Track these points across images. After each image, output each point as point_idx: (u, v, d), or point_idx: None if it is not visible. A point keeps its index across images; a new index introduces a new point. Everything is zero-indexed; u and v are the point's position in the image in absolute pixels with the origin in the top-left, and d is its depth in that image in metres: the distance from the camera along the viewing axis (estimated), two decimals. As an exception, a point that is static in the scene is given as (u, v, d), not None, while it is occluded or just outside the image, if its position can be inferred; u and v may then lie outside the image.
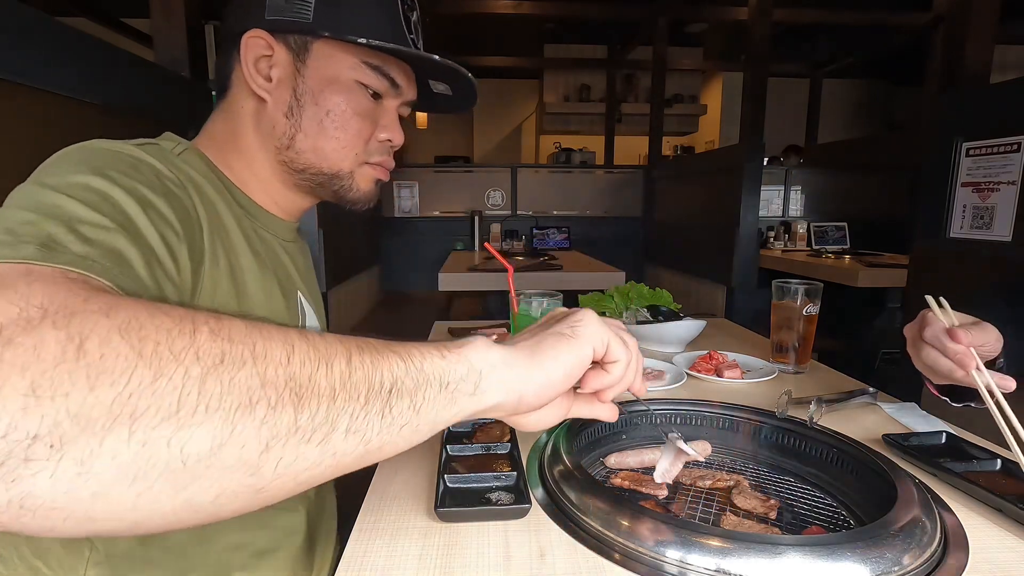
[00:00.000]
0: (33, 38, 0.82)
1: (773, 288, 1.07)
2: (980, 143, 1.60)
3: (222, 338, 0.30)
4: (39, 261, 0.35)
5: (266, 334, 0.31)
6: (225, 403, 0.28)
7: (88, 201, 0.43)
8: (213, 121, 0.68)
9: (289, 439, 0.30)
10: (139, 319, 0.29)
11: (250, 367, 0.30)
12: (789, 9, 4.24)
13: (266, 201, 0.70)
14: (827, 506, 0.62)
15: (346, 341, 0.35)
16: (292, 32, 0.62)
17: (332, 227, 2.65)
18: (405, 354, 0.36)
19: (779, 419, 0.72)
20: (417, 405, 0.35)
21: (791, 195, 4.18)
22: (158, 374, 0.27)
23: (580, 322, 0.44)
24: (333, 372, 0.32)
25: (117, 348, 0.27)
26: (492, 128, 7.30)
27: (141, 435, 0.26)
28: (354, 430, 0.33)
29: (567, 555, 0.50)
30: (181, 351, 0.28)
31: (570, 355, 0.43)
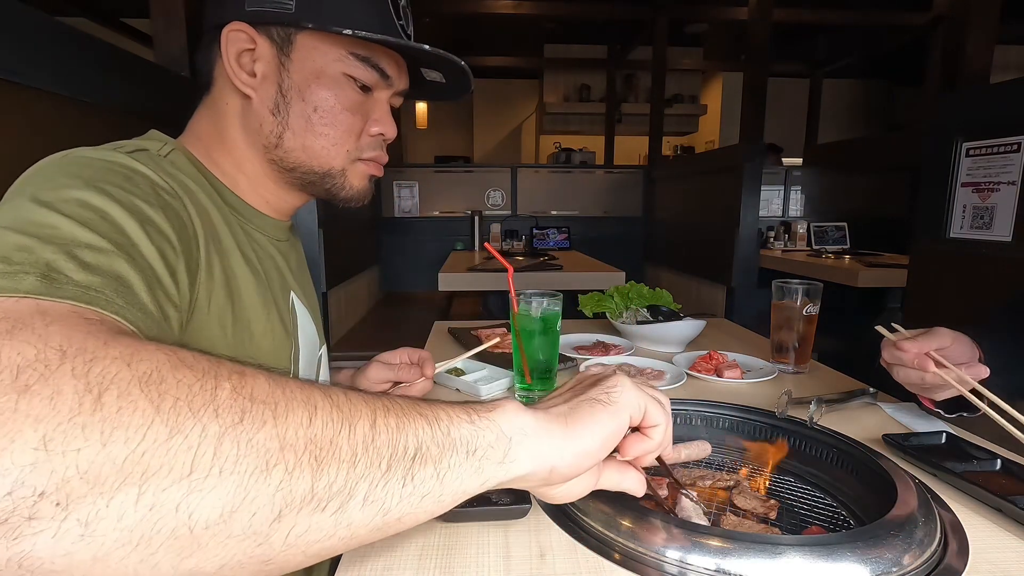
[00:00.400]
0: (33, 38, 0.82)
1: (773, 288, 1.07)
2: (980, 143, 1.60)
3: (244, 396, 0.28)
4: (42, 295, 0.33)
5: (288, 393, 0.30)
6: (241, 466, 0.27)
7: (85, 220, 0.41)
8: (198, 118, 0.66)
9: (303, 507, 0.29)
10: (161, 371, 0.27)
11: (270, 427, 0.28)
12: (789, 9, 4.24)
13: (257, 200, 0.67)
14: (827, 506, 0.62)
15: (371, 401, 0.33)
16: (274, 24, 0.59)
17: (332, 227, 2.65)
18: (432, 416, 0.34)
19: (779, 419, 0.72)
20: (441, 473, 0.34)
21: (791, 195, 4.17)
22: (174, 431, 0.26)
23: (615, 388, 0.42)
24: (356, 435, 0.31)
25: (136, 402, 0.26)
26: (492, 128, 7.30)
27: (150, 497, 0.25)
28: (372, 499, 0.31)
29: (567, 555, 0.50)
30: (200, 408, 0.27)
31: (608, 423, 0.40)
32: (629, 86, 6.41)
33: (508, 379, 0.96)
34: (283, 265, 0.71)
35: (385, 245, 4.12)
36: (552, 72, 6.36)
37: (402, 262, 4.20)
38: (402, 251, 4.19)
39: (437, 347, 1.22)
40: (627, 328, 1.24)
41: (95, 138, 0.58)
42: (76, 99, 0.92)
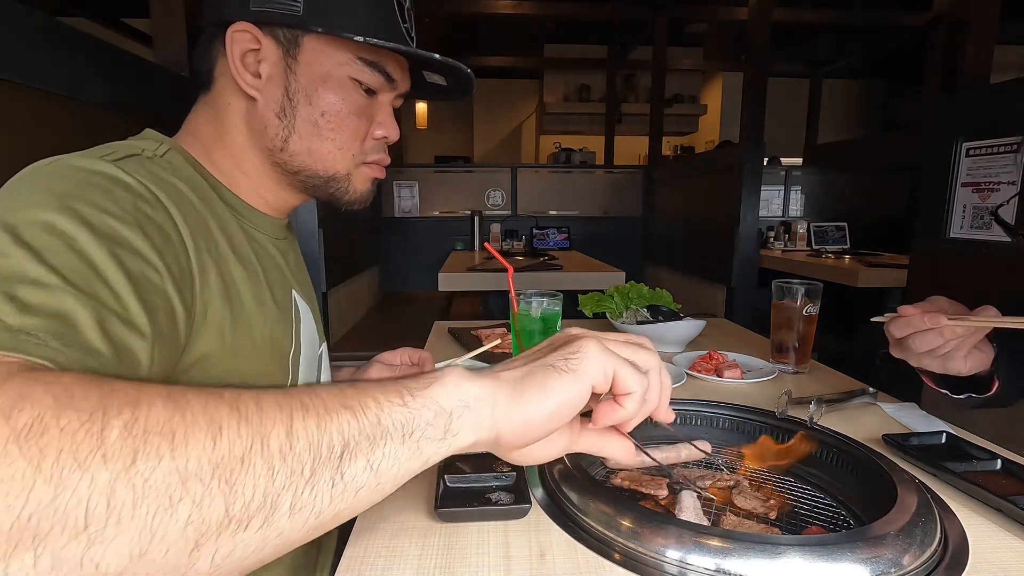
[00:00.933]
0: (33, 38, 0.82)
1: (773, 288, 1.07)
2: (980, 143, 1.60)
3: (135, 434, 0.27)
4: None
5: (189, 417, 0.28)
6: (141, 509, 0.26)
7: (43, 249, 0.38)
8: (196, 117, 0.64)
9: (222, 532, 0.28)
10: (44, 420, 0.26)
11: (167, 462, 0.26)
12: (789, 9, 4.24)
13: (256, 200, 0.66)
14: (827, 506, 0.62)
15: (288, 402, 0.31)
16: (281, 25, 0.58)
17: (332, 227, 2.65)
18: (359, 407, 0.32)
19: (779, 419, 0.72)
20: (375, 464, 0.32)
21: (791, 195, 4.17)
22: (59, 488, 0.24)
23: (577, 353, 0.39)
24: (270, 447, 0.29)
25: (14, 463, 0.24)
26: (492, 128, 7.30)
27: (48, 558, 0.24)
28: (300, 506, 0.30)
29: (567, 555, 0.50)
30: (87, 456, 0.25)
31: (560, 393, 0.37)
32: (629, 86, 6.40)
33: (508, 379, 0.96)
34: (283, 263, 0.71)
35: (385, 245, 4.12)
36: (552, 72, 6.36)
37: (402, 262, 4.20)
38: (402, 251, 4.18)
39: (437, 347, 1.22)
40: (627, 328, 1.24)
41: (95, 138, 0.58)
42: (76, 99, 0.92)
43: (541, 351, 0.41)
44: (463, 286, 2.67)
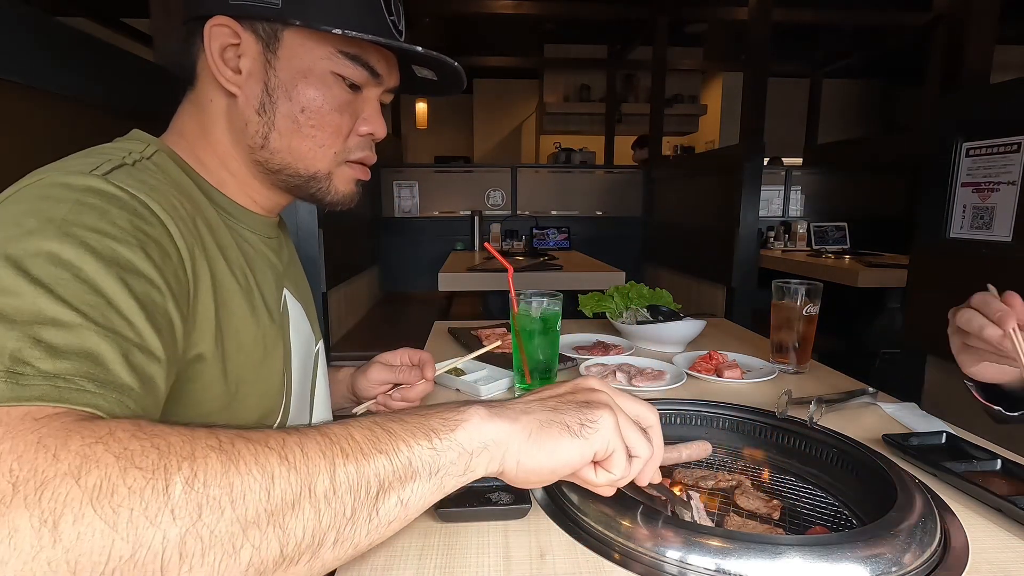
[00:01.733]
0: (33, 38, 0.82)
1: (773, 288, 1.07)
2: (980, 143, 1.60)
3: (196, 489, 0.29)
4: (8, 402, 0.32)
5: (244, 467, 0.30)
6: (209, 558, 0.28)
7: (55, 284, 0.38)
8: (182, 115, 0.63)
9: (277, 569, 0.31)
10: (111, 480, 0.27)
11: (229, 514, 0.29)
12: (789, 9, 4.24)
13: (244, 199, 0.65)
14: (829, 506, 0.62)
15: (330, 448, 0.34)
16: (260, 19, 0.56)
17: (332, 227, 2.65)
18: (392, 450, 0.35)
19: (779, 419, 0.72)
20: (405, 500, 0.35)
21: (791, 195, 4.17)
22: (136, 546, 0.26)
23: (594, 423, 0.42)
24: (317, 493, 0.32)
25: (92, 525, 0.26)
26: (492, 128, 7.30)
27: None
28: (341, 541, 0.33)
29: (567, 555, 0.50)
30: (156, 514, 0.27)
31: (567, 454, 0.41)
32: (629, 86, 6.40)
33: (508, 379, 0.96)
34: (275, 261, 0.69)
35: (385, 245, 4.12)
36: (552, 72, 6.36)
37: (402, 262, 4.19)
38: (402, 251, 4.18)
39: (437, 347, 1.22)
40: (627, 328, 1.24)
41: (95, 138, 0.58)
42: (76, 99, 0.91)
43: (561, 399, 0.44)
44: (463, 286, 2.67)
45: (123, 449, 0.29)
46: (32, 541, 0.25)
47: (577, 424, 0.41)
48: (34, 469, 0.27)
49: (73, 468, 0.27)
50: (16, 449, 0.28)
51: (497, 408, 0.41)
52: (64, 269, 0.39)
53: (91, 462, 0.28)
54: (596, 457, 0.43)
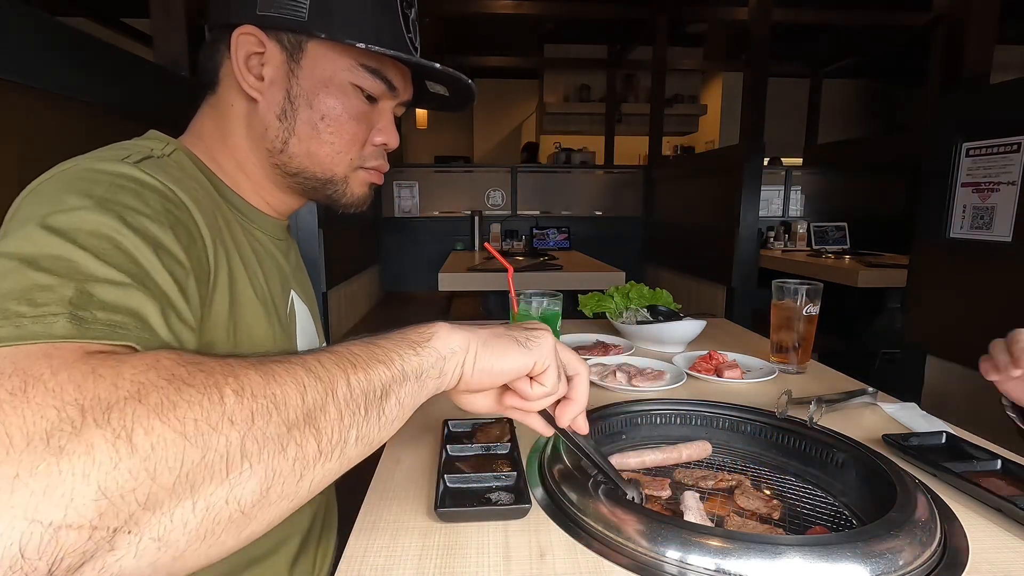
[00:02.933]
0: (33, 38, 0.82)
1: (773, 288, 1.07)
2: (980, 143, 1.60)
3: (246, 397, 0.32)
4: (72, 339, 0.35)
5: (280, 379, 0.34)
6: (264, 455, 0.32)
7: (100, 252, 0.41)
8: (201, 118, 0.66)
9: (316, 464, 0.35)
10: (170, 398, 0.30)
11: (276, 417, 0.33)
12: (789, 9, 4.24)
13: (258, 201, 0.68)
14: (829, 506, 0.62)
15: (341, 360, 0.38)
16: (285, 30, 0.59)
17: (332, 227, 2.65)
18: (387, 359, 0.41)
19: (779, 419, 0.72)
20: (402, 400, 0.41)
21: (791, 195, 4.17)
22: (205, 449, 0.30)
23: (536, 339, 0.48)
24: (339, 397, 0.37)
25: (163, 435, 0.29)
26: (492, 128, 7.30)
27: (203, 502, 0.30)
28: (360, 437, 0.38)
29: (567, 555, 0.50)
30: (218, 421, 0.31)
31: (513, 360, 0.47)
32: (629, 86, 6.40)
33: (508, 379, 0.96)
34: (283, 264, 0.72)
35: (385, 245, 4.12)
36: (552, 72, 6.36)
37: (402, 262, 4.19)
38: (402, 251, 4.18)
39: (437, 347, 1.22)
40: (627, 328, 1.24)
41: (95, 138, 0.58)
42: (76, 99, 0.91)
43: (509, 327, 0.51)
44: (463, 286, 2.67)
45: (171, 374, 0.32)
46: (110, 454, 0.27)
47: (524, 338, 0.48)
48: (96, 396, 0.29)
49: (133, 391, 0.30)
50: (74, 379, 0.30)
51: (458, 326, 0.47)
52: (105, 241, 0.42)
53: (148, 386, 0.30)
54: (534, 370, 0.48)
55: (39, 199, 0.45)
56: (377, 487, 0.62)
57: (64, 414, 0.28)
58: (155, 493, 0.28)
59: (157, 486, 0.28)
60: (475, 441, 0.70)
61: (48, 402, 0.28)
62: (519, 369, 0.48)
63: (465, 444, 0.68)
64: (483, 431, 0.72)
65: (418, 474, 0.65)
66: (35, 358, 0.31)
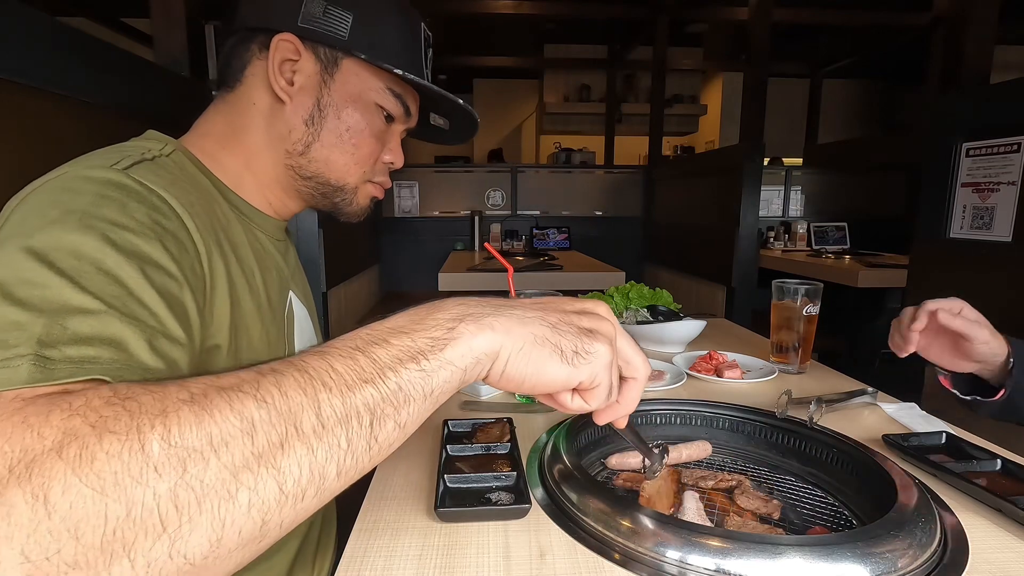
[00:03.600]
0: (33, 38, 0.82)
1: (773, 288, 1.07)
2: (980, 143, 1.60)
3: (174, 443, 0.29)
4: (37, 383, 0.34)
5: (220, 415, 0.30)
6: (206, 506, 0.28)
7: (79, 276, 0.40)
8: (212, 115, 0.67)
9: (283, 507, 0.31)
10: (89, 449, 0.28)
11: (215, 463, 0.29)
12: (789, 9, 4.24)
13: (260, 202, 0.69)
14: (828, 506, 0.62)
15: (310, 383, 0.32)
16: (325, 44, 0.63)
17: (332, 227, 2.65)
18: (378, 378, 0.34)
19: (779, 419, 0.72)
20: (402, 423, 0.35)
21: (791, 195, 4.17)
22: (130, 505, 0.27)
23: (589, 355, 0.40)
24: (304, 431, 0.31)
25: (80, 492, 0.27)
26: (492, 128, 7.30)
27: (143, 559, 0.27)
28: (344, 471, 0.33)
29: (567, 555, 0.50)
30: (140, 472, 0.28)
31: (553, 376, 0.39)
32: (629, 86, 6.40)
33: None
34: (282, 264, 0.73)
35: (385, 245, 4.12)
36: (552, 72, 6.35)
37: (402, 262, 4.19)
38: (402, 251, 4.18)
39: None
40: (627, 328, 1.24)
41: (95, 138, 0.58)
42: (76, 99, 0.91)
43: (564, 317, 0.41)
44: (463, 286, 2.67)
45: (98, 417, 0.29)
46: (29, 516, 0.26)
47: (571, 351, 0.39)
48: (23, 449, 0.28)
49: (56, 442, 0.28)
50: (5, 431, 0.29)
51: (490, 313, 0.39)
52: (86, 261, 0.41)
53: (69, 435, 0.28)
54: (580, 387, 0.41)
55: (25, 213, 0.44)
56: (377, 487, 0.62)
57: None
58: (83, 553, 0.26)
59: (83, 546, 0.26)
60: (475, 441, 0.70)
61: None
62: (556, 388, 0.40)
63: (465, 444, 0.68)
64: (483, 431, 0.72)
65: (418, 474, 0.65)
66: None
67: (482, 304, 0.40)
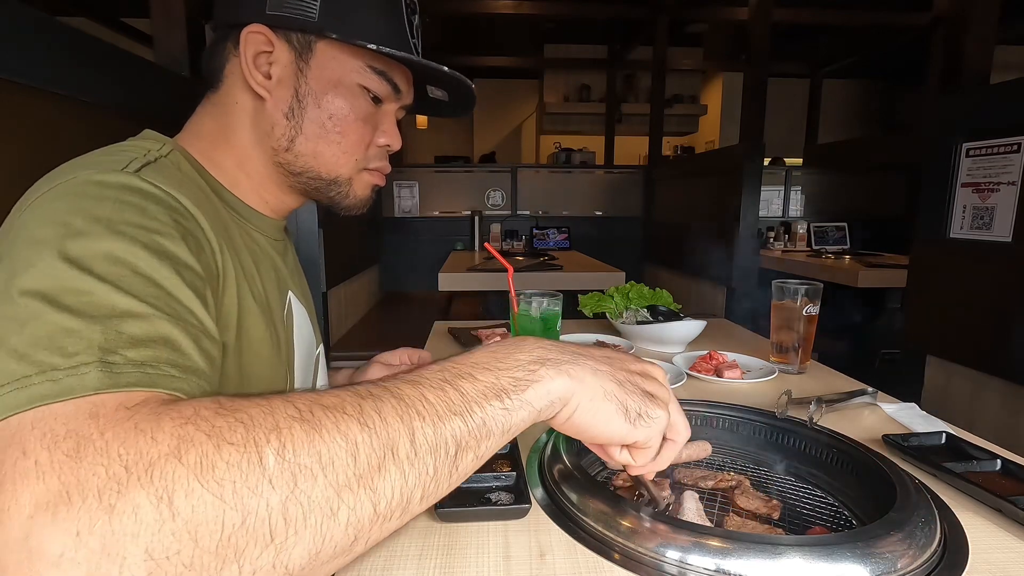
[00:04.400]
0: (33, 38, 0.82)
1: (773, 288, 1.07)
2: (980, 143, 1.60)
3: (287, 458, 0.31)
4: (107, 388, 0.34)
5: (328, 435, 0.32)
6: (310, 521, 0.30)
7: (119, 281, 0.40)
8: (201, 116, 0.65)
9: (373, 526, 0.33)
10: (208, 457, 0.29)
11: (322, 481, 0.31)
12: (789, 9, 4.24)
13: (256, 201, 0.67)
14: (828, 506, 0.62)
15: (406, 411, 0.35)
16: (296, 30, 0.59)
17: (332, 227, 2.65)
18: (467, 412, 0.37)
19: (779, 419, 0.72)
20: (481, 455, 0.38)
21: (791, 195, 4.18)
22: (245, 514, 0.29)
23: (650, 417, 0.44)
24: (399, 456, 0.34)
25: (202, 498, 0.28)
26: (492, 128, 7.30)
27: (249, 567, 0.29)
28: (428, 496, 0.36)
29: (567, 555, 0.50)
30: (256, 484, 0.29)
31: (616, 433, 0.43)
32: (629, 86, 6.40)
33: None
34: (280, 265, 0.71)
35: (385, 245, 4.12)
36: (552, 72, 6.36)
37: (402, 262, 4.19)
38: (402, 251, 4.18)
39: (437, 347, 1.22)
40: (627, 328, 1.24)
41: (95, 138, 0.58)
42: (76, 99, 0.92)
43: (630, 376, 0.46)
44: (463, 286, 2.67)
45: (211, 427, 0.31)
46: (155, 515, 0.27)
47: (635, 412, 0.44)
48: (139, 452, 0.29)
49: (172, 448, 0.29)
50: (119, 436, 0.30)
51: (568, 360, 0.42)
52: (123, 267, 0.41)
53: (186, 442, 0.30)
54: (633, 446, 0.45)
55: (43, 217, 0.43)
56: (377, 487, 0.62)
57: (111, 471, 0.28)
58: (199, 556, 0.28)
59: (200, 550, 0.28)
60: (475, 441, 0.70)
61: (98, 461, 0.29)
62: (613, 442, 0.45)
63: (465, 444, 0.68)
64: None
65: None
66: (83, 418, 0.31)
67: (559, 350, 0.44)
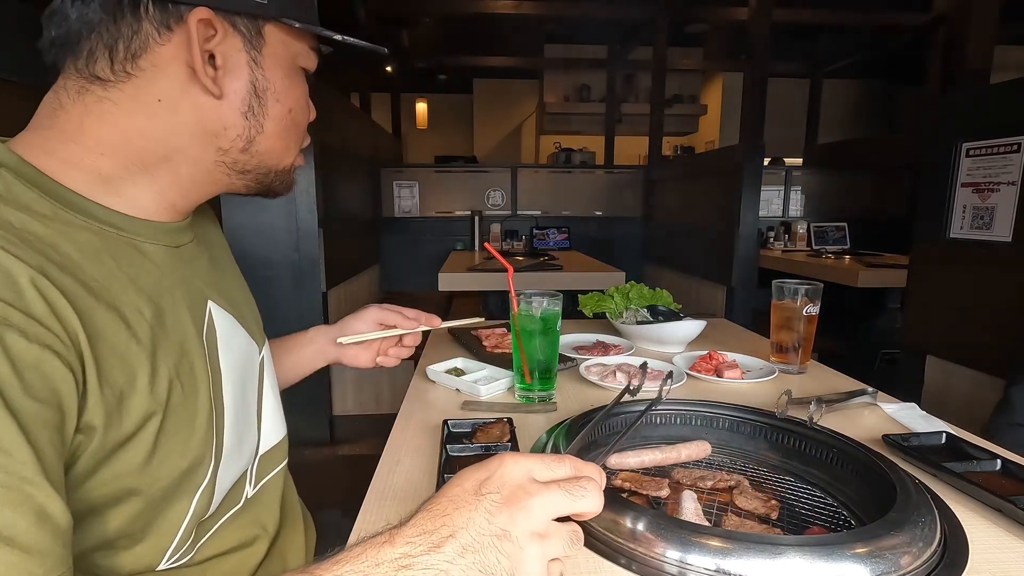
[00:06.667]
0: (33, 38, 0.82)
1: (773, 288, 1.07)
2: (980, 143, 1.60)
3: None
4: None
5: None
6: None
7: None
8: (74, 111, 0.50)
9: None
10: None
11: None
12: (789, 9, 4.24)
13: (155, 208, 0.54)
14: (828, 506, 0.62)
15: None
16: (244, 14, 0.51)
17: (332, 227, 2.65)
18: None
19: (779, 419, 0.72)
20: None
21: (791, 195, 4.17)
22: None
23: (523, 548, 0.38)
24: None
25: None
26: (492, 128, 7.30)
27: None
28: None
29: (567, 555, 0.49)
30: None
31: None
32: (629, 86, 6.40)
33: (508, 379, 0.96)
34: (189, 274, 0.57)
35: (385, 245, 4.12)
36: (552, 72, 6.36)
37: (402, 262, 4.19)
38: (402, 251, 4.18)
39: (437, 347, 1.22)
40: (627, 328, 1.24)
41: None
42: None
43: (482, 535, 0.39)
44: (463, 286, 2.67)
45: None
46: None
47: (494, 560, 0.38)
48: None
49: None
50: None
51: None
52: None
53: None
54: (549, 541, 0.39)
55: None
56: (377, 487, 0.62)
57: None
58: None
59: None
60: (475, 441, 0.70)
61: None
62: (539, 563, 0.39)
63: (465, 444, 0.68)
64: (483, 431, 0.72)
65: (418, 474, 0.65)
66: None
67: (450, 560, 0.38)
